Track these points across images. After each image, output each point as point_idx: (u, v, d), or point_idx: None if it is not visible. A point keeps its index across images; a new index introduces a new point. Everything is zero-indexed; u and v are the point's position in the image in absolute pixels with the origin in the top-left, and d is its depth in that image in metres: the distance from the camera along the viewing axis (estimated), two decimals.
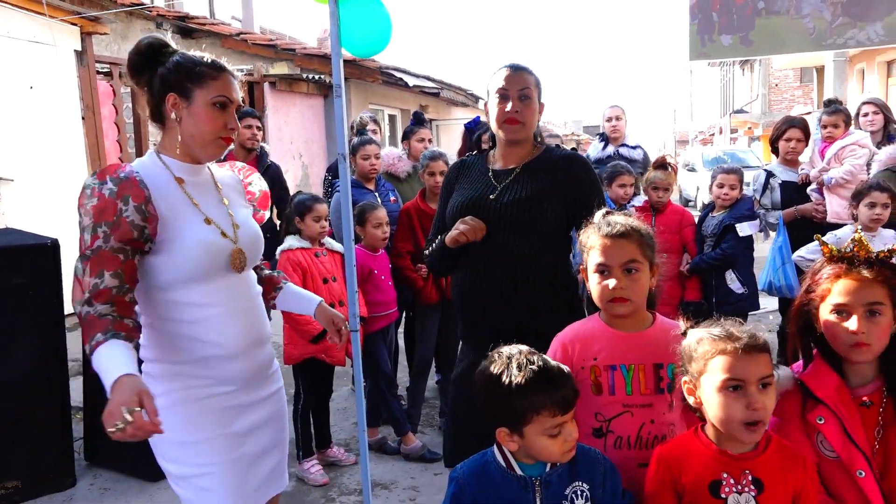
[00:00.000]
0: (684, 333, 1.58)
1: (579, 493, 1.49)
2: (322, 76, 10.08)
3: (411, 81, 11.19)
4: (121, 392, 1.38)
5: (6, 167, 5.40)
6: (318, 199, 3.47)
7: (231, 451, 1.72)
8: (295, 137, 9.98)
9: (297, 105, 10.30)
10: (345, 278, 2.86)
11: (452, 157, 3.66)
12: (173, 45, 1.74)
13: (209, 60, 1.71)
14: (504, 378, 1.48)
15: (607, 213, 1.81)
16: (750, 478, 1.47)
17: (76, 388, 3.70)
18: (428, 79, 12.44)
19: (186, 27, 9.19)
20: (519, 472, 1.50)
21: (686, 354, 1.53)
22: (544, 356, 1.55)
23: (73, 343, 3.77)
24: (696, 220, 4.20)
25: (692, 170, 18.09)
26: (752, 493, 1.46)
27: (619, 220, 1.74)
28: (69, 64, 6.16)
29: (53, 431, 3.37)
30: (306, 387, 3.47)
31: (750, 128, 24.92)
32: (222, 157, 2.48)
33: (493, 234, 2.12)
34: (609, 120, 5.27)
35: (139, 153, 7.40)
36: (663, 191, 4.04)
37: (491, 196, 2.17)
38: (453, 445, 2.19)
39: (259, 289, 1.91)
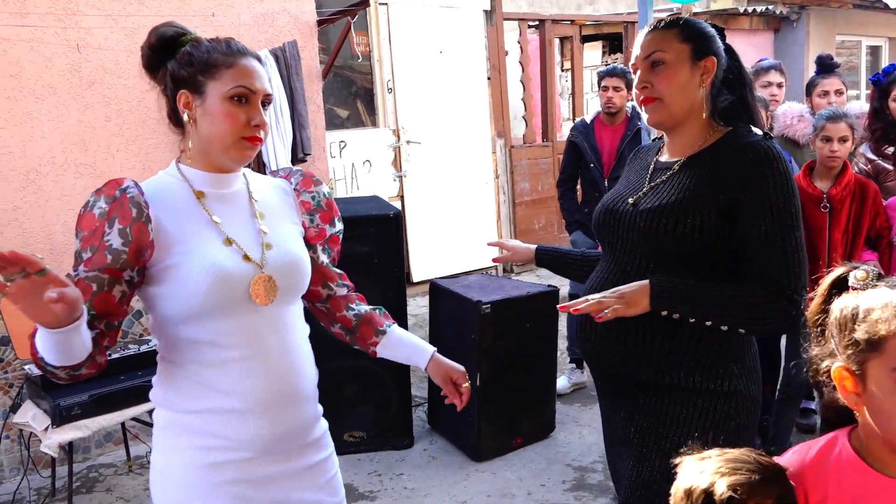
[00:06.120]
0: None
1: None
2: (770, 7, 8.66)
3: None
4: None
5: (418, 131, 5.91)
6: None
7: None
8: None
9: (737, 44, 9.09)
10: None
11: None
12: (191, 31, 1.46)
13: (224, 46, 1.41)
14: None
15: None
16: None
17: None
18: None
19: None
20: None
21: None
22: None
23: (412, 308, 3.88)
24: None
25: None
26: None
27: None
28: (478, 24, 6.39)
29: (393, 392, 3.55)
30: None
31: None
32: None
33: (621, 251, 1.61)
34: None
35: (544, 108, 7.43)
36: None
37: (630, 199, 1.62)
38: None
39: (306, 330, 1.53)
